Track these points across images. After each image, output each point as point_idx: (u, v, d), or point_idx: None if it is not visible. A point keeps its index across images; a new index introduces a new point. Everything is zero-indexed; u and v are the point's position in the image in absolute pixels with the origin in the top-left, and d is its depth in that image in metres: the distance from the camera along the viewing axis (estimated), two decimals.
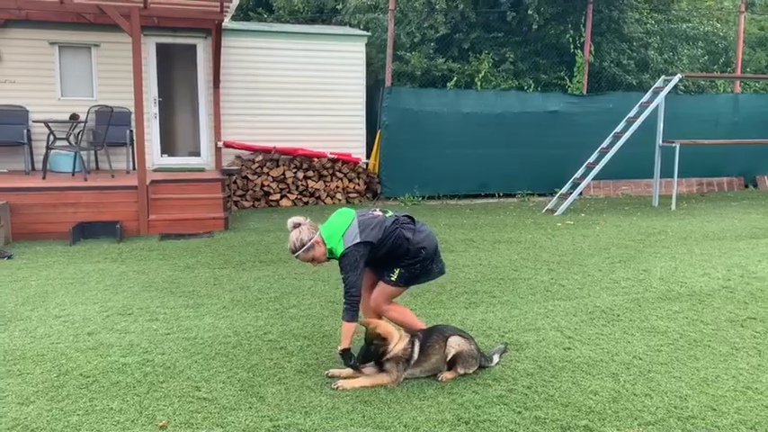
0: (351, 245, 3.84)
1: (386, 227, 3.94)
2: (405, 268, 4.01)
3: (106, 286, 5.95)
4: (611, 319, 5.05)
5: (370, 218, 3.97)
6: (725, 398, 3.68)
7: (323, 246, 3.91)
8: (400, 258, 3.99)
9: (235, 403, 3.57)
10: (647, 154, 11.47)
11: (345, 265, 3.83)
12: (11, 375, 3.94)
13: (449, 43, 12.76)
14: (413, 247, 3.97)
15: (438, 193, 12.05)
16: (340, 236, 3.87)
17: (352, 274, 3.81)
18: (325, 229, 3.95)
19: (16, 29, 10.06)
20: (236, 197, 10.85)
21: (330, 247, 3.89)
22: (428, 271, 4.11)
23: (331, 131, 11.47)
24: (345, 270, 3.83)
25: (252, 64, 11.06)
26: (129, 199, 8.49)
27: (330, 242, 3.89)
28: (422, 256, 4.00)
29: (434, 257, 4.10)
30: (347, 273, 3.82)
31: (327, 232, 3.93)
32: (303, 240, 3.89)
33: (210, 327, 4.84)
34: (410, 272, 4.03)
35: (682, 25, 14.74)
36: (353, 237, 3.86)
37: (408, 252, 3.97)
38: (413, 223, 4.08)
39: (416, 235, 4.01)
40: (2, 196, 7.88)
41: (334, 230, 3.91)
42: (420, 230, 4.05)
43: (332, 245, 3.88)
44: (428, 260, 4.05)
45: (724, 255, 7.30)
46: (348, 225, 3.90)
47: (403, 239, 3.96)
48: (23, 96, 10.15)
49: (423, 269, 4.06)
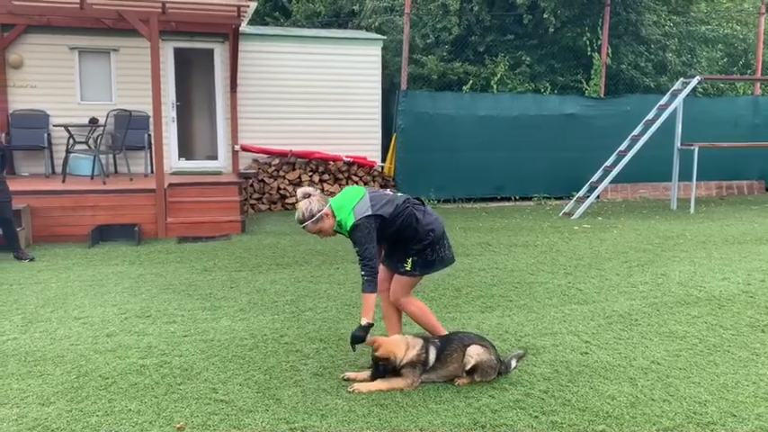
0: (362, 216, 3.81)
1: (397, 204, 3.95)
2: (417, 255, 3.98)
3: (124, 288, 6.01)
4: (629, 324, 5.01)
5: (382, 194, 4.00)
6: (745, 404, 3.64)
7: (332, 218, 3.89)
8: (409, 242, 3.96)
9: (251, 405, 3.59)
10: (666, 157, 11.36)
11: (360, 238, 3.80)
12: (32, 376, 3.99)
13: (464, 46, 12.75)
14: (422, 229, 3.95)
15: (454, 196, 12.02)
16: (351, 208, 3.84)
17: (368, 245, 3.78)
18: (336, 202, 3.93)
19: (37, 35, 10.20)
20: (253, 200, 10.91)
21: (340, 219, 3.86)
22: (442, 257, 4.06)
23: (347, 135, 11.49)
24: (361, 243, 3.79)
25: (269, 68, 11.12)
26: (148, 202, 8.57)
27: (340, 214, 3.86)
28: (431, 238, 3.97)
29: (443, 242, 4.06)
30: (363, 245, 3.79)
31: (338, 204, 3.91)
32: (313, 211, 3.84)
33: (227, 329, 4.87)
34: (423, 258, 4.00)
35: (700, 27, 14.59)
36: (365, 209, 3.84)
37: (417, 234, 3.93)
38: (423, 205, 4.08)
39: (426, 217, 4.00)
40: (23, 199, 7.99)
41: (345, 203, 3.89)
42: (429, 213, 4.06)
43: (342, 217, 3.85)
44: (437, 244, 4.01)
45: (744, 259, 7.22)
46: (359, 198, 3.89)
47: (413, 219, 3.94)
48: (44, 101, 10.29)
49: (435, 255, 4.01)
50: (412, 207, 3.99)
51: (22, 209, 7.89)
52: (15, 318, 5.12)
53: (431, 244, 3.99)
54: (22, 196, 7.99)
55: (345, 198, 3.93)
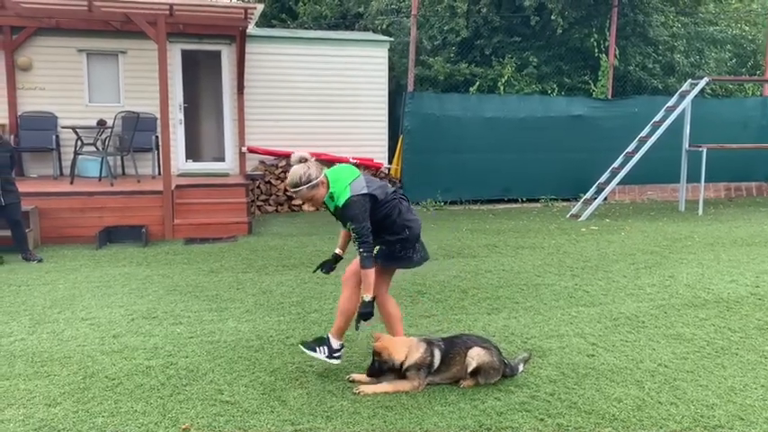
0: (358, 193, 3.79)
1: (387, 192, 3.97)
2: (385, 245, 3.97)
3: (131, 290, 6.03)
4: (636, 326, 4.98)
5: (375, 180, 4.02)
6: (753, 407, 3.61)
7: (326, 188, 3.84)
8: (383, 232, 3.93)
9: (257, 407, 3.59)
10: (674, 158, 11.31)
11: (356, 215, 3.76)
12: (39, 377, 4.01)
13: (471, 47, 12.73)
14: (400, 222, 3.94)
15: (460, 198, 12.00)
16: (347, 183, 3.82)
17: (364, 222, 3.76)
18: (332, 174, 3.89)
19: (46, 37, 10.26)
20: (260, 202, 10.93)
21: (333, 191, 3.81)
22: (409, 257, 4.03)
23: (353, 137, 11.50)
24: (357, 219, 3.75)
25: (276, 70, 11.14)
26: (155, 204, 8.60)
27: (335, 186, 3.82)
28: (405, 234, 3.96)
29: (416, 245, 4.05)
30: (360, 222, 3.75)
31: (334, 176, 3.87)
32: (311, 176, 3.77)
33: (233, 330, 4.87)
34: (390, 250, 3.98)
35: (709, 28, 14.52)
36: (361, 187, 3.83)
37: (394, 225, 3.92)
38: (408, 202, 4.09)
39: (408, 213, 4.01)
40: (31, 201, 8.03)
41: (341, 176, 3.86)
42: (411, 211, 4.06)
43: (336, 189, 3.81)
44: (409, 243, 3.99)
45: (753, 261, 7.17)
46: (356, 176, 3.89)
47: (396, 210, 3.94)
48: (52, 103, 10.34)
49: (403, 252, 3.99)
50: (399, 199, 4.01)
51: (31, 210, 7.93)
52: (23, 319, 5.15)
53: (403, 240, 3.97)
54: (30, 198, 8.04)
55: (341, 173, 3.90)
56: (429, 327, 4.95)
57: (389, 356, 3.80)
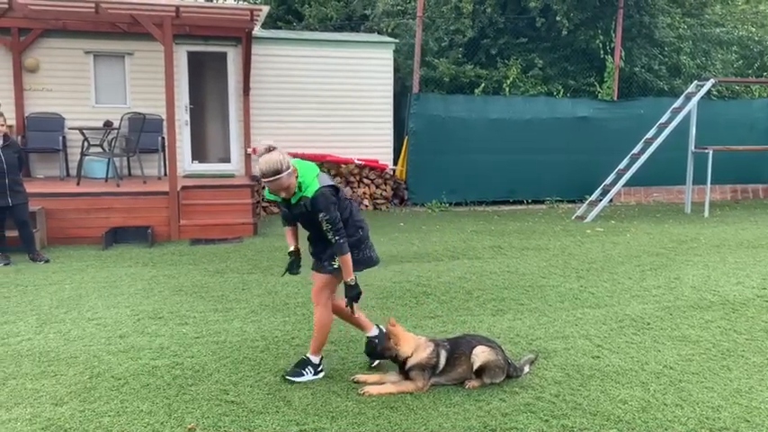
0: (326, 185, 3.83)
1: (342, 192, 4.00)
2: None
3: (137, 290, 6.05)
4: (642, 328, 4.97)
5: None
6: (759, 409, 3.60)
7: (295, 178, 3.82)
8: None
9: (262, 407, 3.60)
10: (680, 160, 11.29)
11: (327, 205, 3.77)
12: (45, 376, 4.03)
13: (476, 49, 12.73)
14: (352, 222, 3.98)
15: (465, 199, 12.00)
16: (315, 174, 3.86)
17: (336, 213, 3.81)
18: (299, 164, 3.87)
19: (53, 38, 10.31)
20: (265, 203, 10.95)
21: (302, 180, 3.80)
22: (368, 257, 4.08)
23: (359, 138, 11.52)
24: (329, 210, 3.77)
25: (281, 71, 11.17)
26: (161, 204, 8.63)
27: (304, 176, 3.81)
28: (359, 235, 4.00)
29: (368, 242, 4.09)
30: (331, 212, 3.78)
31: (301, 167, 3.86)
32: (289, 163, 3.74)
33: (239, 331, 4.89)
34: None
35: (715, 30, 14.49)
36: (327, 180, 3.89)
37: (347, 225, 3.92)
38: (355, 203, 4.17)
39: (358, 214, 4.08)
40: (38, 201, 8.07)
41: (308, 168, 3.88)
42: (359, 212, 4.14)
43: (306, 179, 3.80)
44: (363, 243, 4.03)
45: (759, 263, 7.15)
46: (319, 171, 3.92)
47: (348, 211, 3.98)
48: (59, 104, 10.39)
49: (361, 254, 4.01)
50: (350, 201, 4.08)
51: (38, 211, 7.97)
52: (30, 319, 5.18)
53: (357, 241, 4.00)
54: (37, 198, 8.07)
55: (306, 165, 3.91)
56: (434, 328, 4.95)
57: (396, 345, 3.83)
